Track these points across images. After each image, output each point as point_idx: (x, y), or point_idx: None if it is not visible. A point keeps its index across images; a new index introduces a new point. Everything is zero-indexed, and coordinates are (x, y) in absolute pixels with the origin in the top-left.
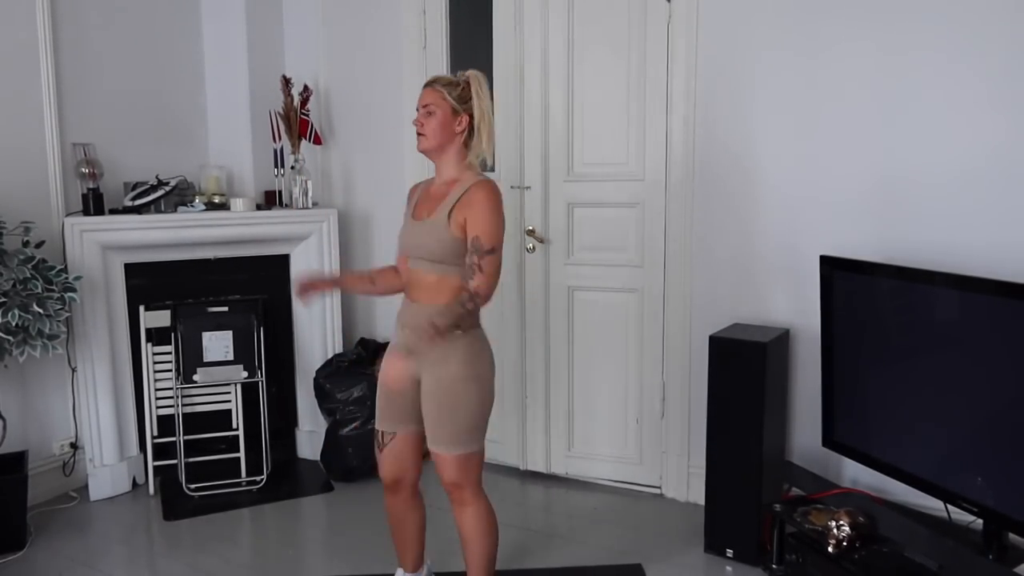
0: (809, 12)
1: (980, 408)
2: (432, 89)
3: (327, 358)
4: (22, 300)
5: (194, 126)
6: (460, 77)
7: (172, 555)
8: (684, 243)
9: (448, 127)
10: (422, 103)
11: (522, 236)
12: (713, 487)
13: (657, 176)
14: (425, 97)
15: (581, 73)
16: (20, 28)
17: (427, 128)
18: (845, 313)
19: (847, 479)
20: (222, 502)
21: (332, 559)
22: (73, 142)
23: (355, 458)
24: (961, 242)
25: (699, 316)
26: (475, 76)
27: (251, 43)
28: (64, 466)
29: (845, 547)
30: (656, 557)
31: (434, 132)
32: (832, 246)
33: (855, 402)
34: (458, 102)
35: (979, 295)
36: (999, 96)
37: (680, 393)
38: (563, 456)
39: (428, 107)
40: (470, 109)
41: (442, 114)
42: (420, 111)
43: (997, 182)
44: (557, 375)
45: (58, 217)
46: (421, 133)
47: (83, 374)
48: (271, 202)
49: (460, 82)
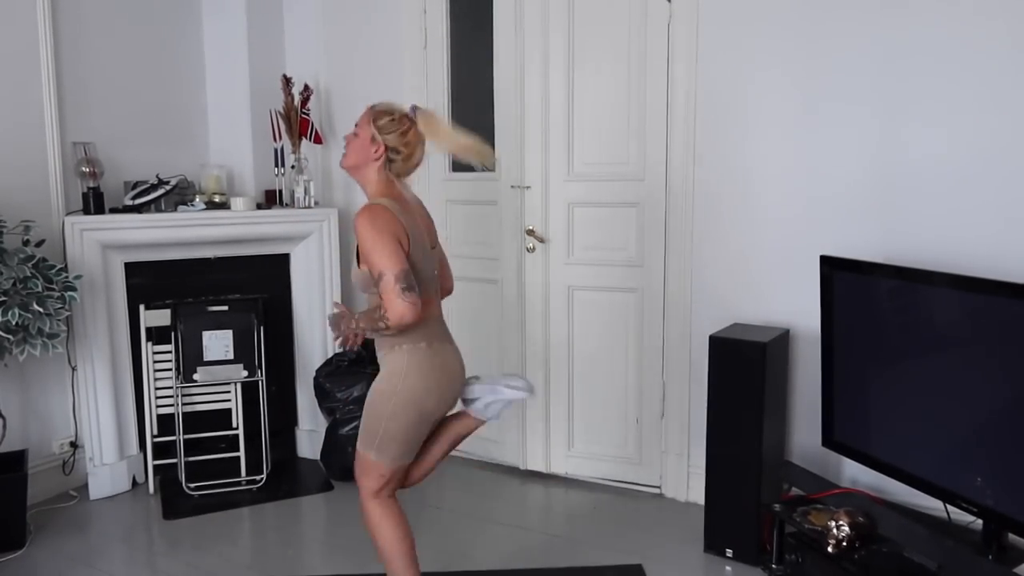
0: (810, 12)
1: (980, 408)
2: (366, 112)
3: (327, 357)
4: (22, 299)
5: (194, 125)
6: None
7: (172, 554)
8: (684, 243)
9: (364, 151)
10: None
11: (522, 235)
12: (713, 487)
13: (657, 176)
14: (360, 118)
15: (582, 72)
16: (20, 28)
17: (348, 147)
18: (845, 313)
19: (847, 479)
20: (222, 501)
21: (332, 558)
22: (73, 141)
23: (355, 457)
24: (961, 242)
25: (699, 316)
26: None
27: (251, 42)
28: (64, 465)
29: (845, 547)
30: (656, 557)
31: (352, 152)
32: (832, 246)
33: (855, 402)
34: (380, 132)
35: (979, 295)
36: (999, 96)
37: (680, 393)
38: (563, 456)
39: (356, 128)
40: (392, 142)
41: (362, 138)
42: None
43: (997, 182)
44: (557, 375)
45: (58, 216)
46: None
47: (83, 373)
48: (271, 201)
49: (393, 113)
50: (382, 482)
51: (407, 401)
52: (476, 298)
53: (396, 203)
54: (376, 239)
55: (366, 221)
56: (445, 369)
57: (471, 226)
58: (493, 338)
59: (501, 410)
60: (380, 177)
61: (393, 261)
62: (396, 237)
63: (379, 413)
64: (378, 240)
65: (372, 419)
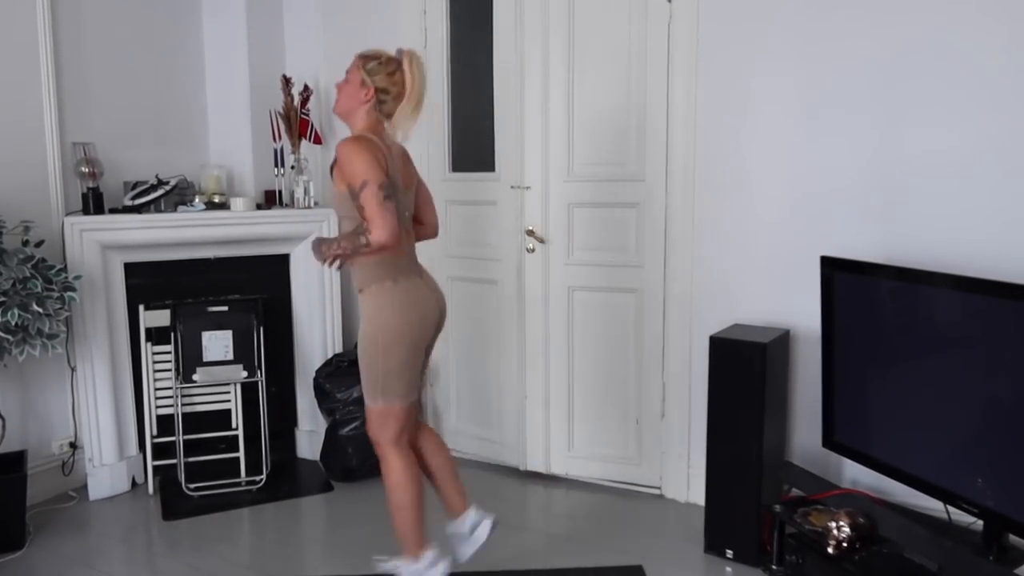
0: (810, 12)
1: (980, 409)
2: (355, 59)
3: (327, 358)
4: (22, 299)
5: (194, 125)
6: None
7: (171, 555)
8: (684, 243)
9: (354, 96)
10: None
11: (522, 236)
12: (713, 487)
13: (657, 176)
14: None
15: (581, 72)
16: (20, 28)
17: (339, 93)
18: (845, 314)
19: (847, 480)
20: (221, 502)
21: (332, 559)
22: (73, 141)
23: (355, 458)
24: (962, 242)
25: (699, 316)
26: (407, 54)
27: (251, 43)
28: (63, 466)
29: (845, 548)
30: (656, 557)
31: (343, 97)
32: (832, 246)
33: (855, 403)
34: (368, 75)
35: (979, 296)
36: (999, 96)
37: (680, 393)
38: (563, 456)
39: (346, 75)
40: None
41: (352, 83)
42: None
43: (997, 182)
44: (557, 376)
45: (58, 216)
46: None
47: (83, 373)
48: (271, 202)
49: (380, 56)
50: (397, 426)
51: (390, 337)
52: (476, 299)
53: (378, 138)
54: (358, 155)
55: (349, 144)
56: (415, 300)
57: (471, 226)
58: (493, 339)
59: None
60: (369, 118)
61: (374, 172)
62: (376, 158)
63: (371, 355)
64: (360, 156)
65: (367, 366)
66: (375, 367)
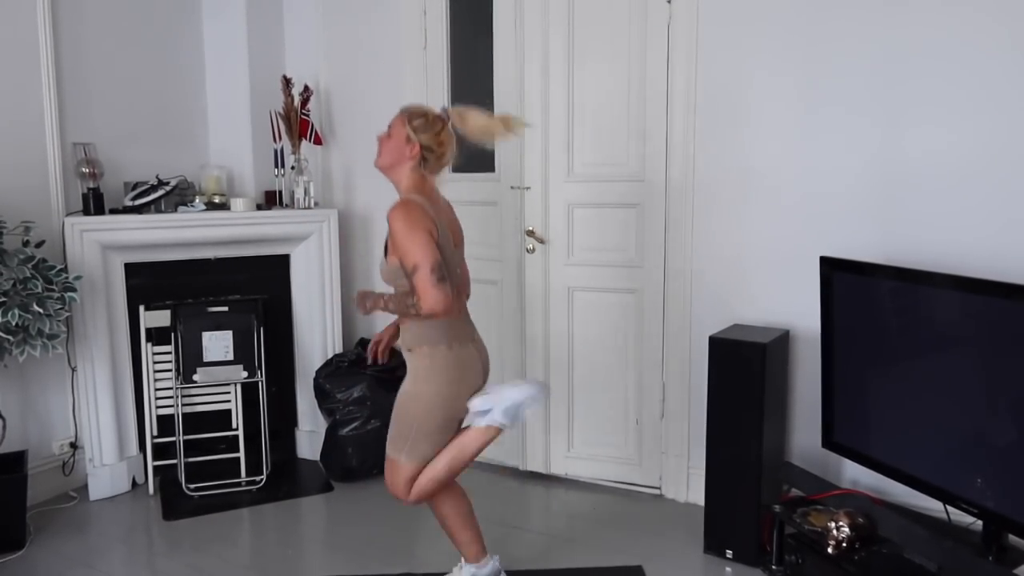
0: (810, 12)
1: (980, 409)
2: (400, 114)
3: (327, 358)
4: (22, 300)
5: (194, 126)
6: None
7: (172, 555)
8: (684, 244)
9: (399, 151)
10: (389, 124)
11: (522, 236)
12: (713, 488)
13: (657, 176)
14: (393, 120)
15: (581, 72)
16: (20, 28)
17: (382, 147)
18: (845, 314)
19: (847, 480)
20: (222, 502)
21: (332, 559)
22: (73, 142)
23: (355, 458)
24: (961, 243)
25: (699, 316)
26: (454, 112)
27: (251, 43)
28: (64, 466)
29: (845, 548)
30: (656, 557)
31: (387, 152)
32: (832, 247)
33: (855, 403)
34: (415, 132)
35: (979, 296)
36: (999, 96)
37: (680, 393)
38: (563, 456)
39: (390, 129)
40: (426, 141)
41: (397, 138)
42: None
43: (997, 183)
44: (557, 376)
45: (58, 217)
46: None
47: (83, 374)
48: (271, 202)
49: (427, 115)
50: (410, 480)
51: (436, 403)
52: (476, 299)
53: (427, 200)
54: (410, 232)
55: (400, 214)
56: (467, 367)
57: (471, 227)
58: (493, 339)
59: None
60: (414, 175)
61: (427, 253)
62: (428, 231)
63: (411, 414)
64: (412, 233)
65: (402, 420)
66: (410, 424)
